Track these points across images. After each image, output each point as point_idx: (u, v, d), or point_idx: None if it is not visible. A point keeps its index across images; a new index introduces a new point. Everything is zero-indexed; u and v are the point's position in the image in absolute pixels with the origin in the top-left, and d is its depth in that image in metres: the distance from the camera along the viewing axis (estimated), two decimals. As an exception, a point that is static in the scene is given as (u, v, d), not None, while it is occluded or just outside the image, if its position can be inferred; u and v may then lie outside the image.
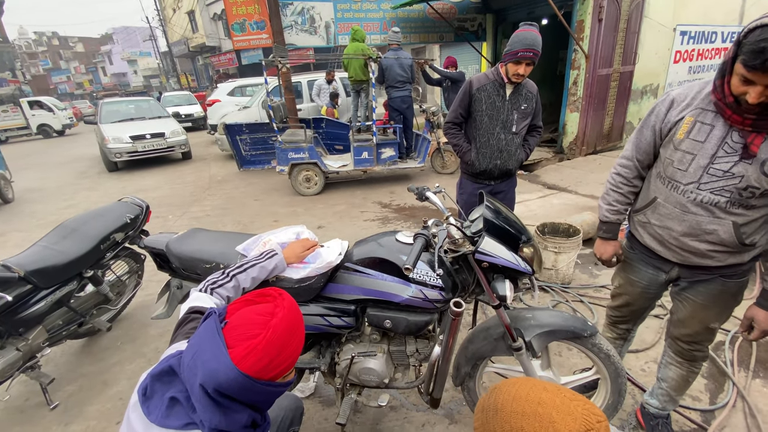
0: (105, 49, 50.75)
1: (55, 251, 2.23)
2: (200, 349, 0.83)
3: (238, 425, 0.83)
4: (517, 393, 0.72)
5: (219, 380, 0.78)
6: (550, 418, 0.66)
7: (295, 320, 0.89)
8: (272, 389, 0.85)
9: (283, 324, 0.85)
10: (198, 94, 17.86)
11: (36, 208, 6.17)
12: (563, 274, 3.02)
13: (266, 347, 0.81)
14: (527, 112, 2.37)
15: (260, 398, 0.85)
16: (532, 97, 2.37)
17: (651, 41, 6.82)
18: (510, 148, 2.43)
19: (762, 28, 0.98)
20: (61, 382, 2.36)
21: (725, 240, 1.26)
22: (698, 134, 1.23)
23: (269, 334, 0.82)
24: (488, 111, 2.35)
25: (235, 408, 0.83)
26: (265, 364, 0.80)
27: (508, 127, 2.37)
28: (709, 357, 2.22)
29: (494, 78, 2.32)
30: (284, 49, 5.92)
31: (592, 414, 0.67)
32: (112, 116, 9.04)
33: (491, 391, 0.77)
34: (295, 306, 0.91)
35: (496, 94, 2.32)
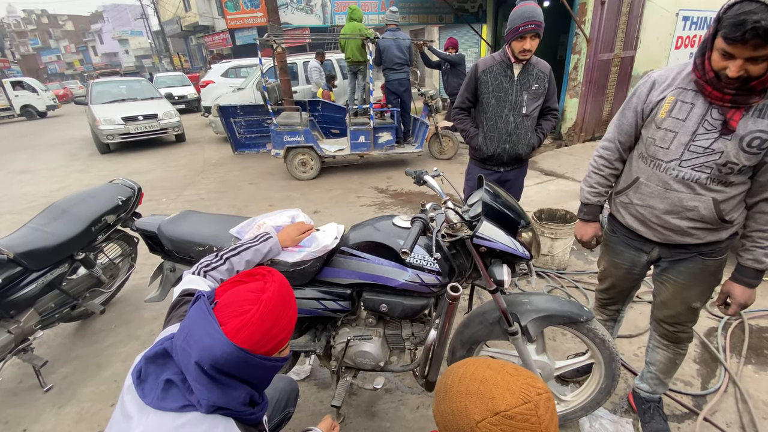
0: (95, 28, 49.43)
1: (46, 233, 2.19)
2: (192, 329, 0.82)
3: (237, 402, 0.83)
4: (464, 373, 0.77)
5: (215, 355, 0.78)
6: (489, 394, 0.71)
7: (287, 294, 0.89)
8: (269, 363, 0.85)
9: (275, 297, 0.84)
10: (191, 75, 17.52)
11: (27, 190, 6.07)
12: (559, 260, 3.03)
13: (260, 320, 0.81)
14: (538, 93, 2.25)
15: (257, 373, 0.85)
16: (544, 77, 2.24)
17: (653, 26, 6.72)
18: (519, 131, 2.31)
19: (741, 2, 1.02)
20: (54, 365, 2.36)
21: (705, 216, 1.30)
22: (679, 112, 1.27)
23: (261, 307, 0.82)
24: (495, 93, 2.25)
25: (233, 385, 0.82)
26: (259, 337, 0.81)
27: (518, 108, 2.26)
28: (702, 342, 2.25)
29: (501, 59, 2.23)
30: (279, 29, 5.76)
31: (531, 387, 0.72)
32: (103, 97, 8.84)
33: (445, 373, 0.82)
34: (284, 281, 0.91)
35: (503, 75, 2.22)
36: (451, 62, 6.24)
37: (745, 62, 1.06)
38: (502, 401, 0.70)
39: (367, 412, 1.93)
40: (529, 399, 0.69)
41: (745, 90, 1.12)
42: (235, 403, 0.83)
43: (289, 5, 8.20)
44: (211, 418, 0.80)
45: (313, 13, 8.35)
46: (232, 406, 0.82)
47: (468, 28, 8.94)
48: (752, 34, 0.99)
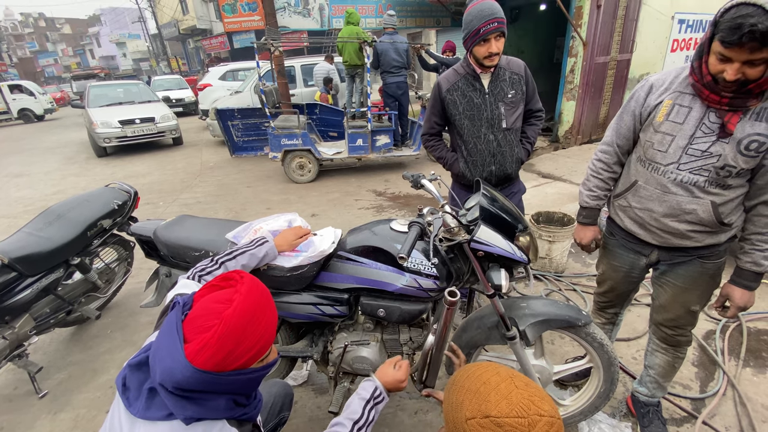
0: (93, 31, 49.38)
1: (41, 238, 2.17)
2: (158, 346, 0.79)
3: (217, 410, 0.80)
4: (473, 373, 0.78)
5: (176, 379, 0.74)
6: (486, 396, 0.71)
7: (255, 307, 0.81)
8: (244, 377, 0.81)
9: (238, 312, 0.78)
10: (189, 79, 17.51)
11: (23, 194, 6.04)
12: (557, 263, 3.03)
13: (220, 340, 0.75)
14: (517, 100, 1.93)
15: (233, 387, 0.81)
16: (519, 79, 1.92)
17: (649, 29, 6.76)
18: (504, 149, 1.99)
19: (738, 6, 1.02)
20: (50, 371, 2.33)
21: (704, 219, 1.30)
22: (677, 116, 1.27)
23: (221, 327, 0.76)
24: (467, 112, 1.94)
25: (207, 398, 0.79)
26: (221, 358, 0.75)
27: (496, 124, 1.94)
28: (700, 345, 2.25)
29: (465, 71, 1.92)
30: (277, 32, 5.77)
31: (533, 405, 0.70)
32: (100, 100, 8.82)
33: (461, 369, 0.84)
34: (254, 291, 0.83)
35: (472, 90, 1.91)
36: (449, 65, 6.24)
37: (742, 65, 1.06)
38: (496, 406, 0.70)
39: (365, 418, 1.91)
40: (525, 415, 0.68)
41: (742, 93, 1.13)
42: (216, 412, 0.80)
43: (286, 9, 8.22)
44: (201, 425, 0.79)
45: (310, 17, 8.38)
46: (215, 415, 0.79)
47: (465, 32, 8.97)
48: (749, 37, 0.99)
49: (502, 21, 1.73)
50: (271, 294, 0.90)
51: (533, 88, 2.01)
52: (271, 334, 0.85)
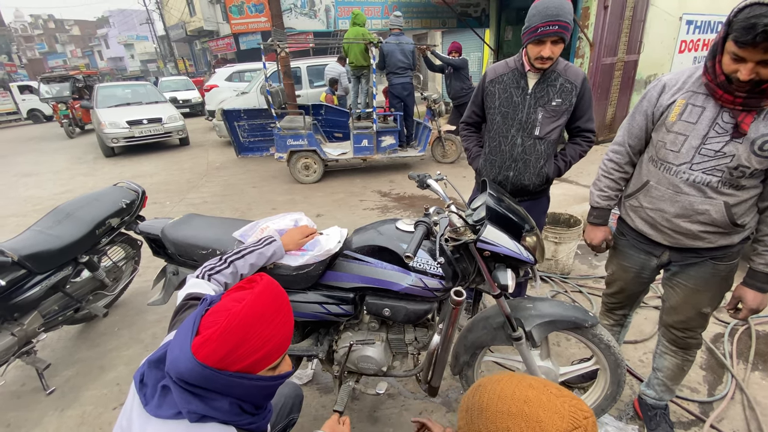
0: (101, 33, 49.95)
1: (50, 236, 2.20)
2: (175, 337, 0.80)
3: (222, 412, 0.79)
4: (502, 391, 0.70)
5: (179, 369, 0.75)
6: (536, 417, 0.64)
7: (265, 307, 0.80)
8: (248, 382, 0.79)
9: (245, 311, 0.77)
10: (196, 80, 17.63)
11: (32, 193, 6.11)
12: (563, 265, 3.01)
13: (221, 336, 0.75)
14: (560, 110, 1.78)
15: (237, 391, 0.79)
16: (571, 89, 1.76)
17: (656, 30, 6.71)
18: (528, 157, 1.86)
19: (751, 6, 1.02)
20: (57, 368, 2.36)
21: (717, 220, 1.29)
22: (690, 116, 1.27)
23: (226, 322, 0.76)
24: (502, 108, 1.85)
25: (211, 396, 0.78)
26: (223, 354, 0.75)
27: (528, 129, 1.82)
28: (708, 348, 2.22)
29: (514, 66, 1.82)
30: (283, 33, 5.80)
31: (578, 410, 0.65)
32: (108, 101, 8.93)
33: (475, 389, 0.74)
34: (268, 292, 0.83)
35: (515, 87, 1.80)
36: (454, 66, 6.26)
37: (756, 65, 1.06)
38: (552, 425, 0.63)
39: (369, 417, 1.92)
40: (579, 424, 0.64)
41: (756, 93, 1.12)
42: (221, 413, 0.79)
43: (292, 10, 8.26)
44: (210, 427, 0.78)
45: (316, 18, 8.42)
46: (218, 416, 0.78)
47: (471, 33, 8.98)
48: (763, 37, 0.99)
49: (566, 25, 1.57)
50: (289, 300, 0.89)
51: (588, 104, 1.84)
52: (281, 339, 0.82)
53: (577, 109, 1.83)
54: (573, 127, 1.92)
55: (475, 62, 11.22)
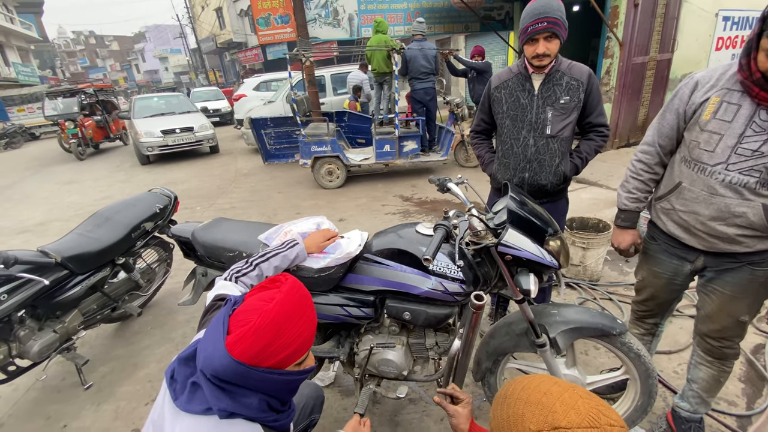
0: (138, 47, 52.69)
1: (90, 239, 2.33)
2: (206, 336, 0.84)
3: (251, 409, 0.82)
4: (528, 383, 0.73)
5: (214, 366, 0.79)
6: (552, 407, 0.66)
7: (294, 306, 0.85)
8: (281, 377, 0.83)
9: (277, 310, 0.81)
10: (225, 90, 18.28)
11: (74, 199, 6.49)
12: (591, 271, 2.92)
13: (256, 333, 0.78)
14: (569, 107, 1.79)
15: (268, 386, 0.83)
16: (578, 86, 1.78)
17: (691, 27, 6.44)
18: (543, 156, 1.87)
19: None
20: (95, 364, 2.48)
21: (755, 223, 1.23)
22: (725, 114, 1.22)
23: (259, 320, 0.80)
24: (510, 111, 1.88)
25: (242, 393, 0.82)
26: (257, 351, 0.78)
27: (539, 129, 1.83)
28: (748, 360, 2.10)
29: (518, 70, 1.86)
30: (308, 43, 5.95)
31: (602, 415, 0.65)
32: (144, 111, 9.39)
33: (508, 381, 0.78)
34: (295, 292, 0.87)
35: (521, 90, 1.84)
36: (478, 70, 6.21)
37: None
38: (564, 417, 0.64)
39: (390, 422, 1.91)
40: (597, 425, 0.63)
41: None
42: (249, 409, 0.82)
43: (317, 20, 8.46)
44: (237, 423, 0.81)
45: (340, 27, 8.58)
46: (247, 413, 0.82)
47: (495, 36, 8.88)
48: None
49: (554, 21, 1.62)
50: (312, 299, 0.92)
51: (597, 99, 1.85)
52: (308, 335, 0.87)
53: (586, 105, 1.84)
54: (585, 123, 1.91)
55: (500, 65, 11.10)
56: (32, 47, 27.74)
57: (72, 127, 9.84)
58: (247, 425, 0.82)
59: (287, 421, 0.92)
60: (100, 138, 11.01)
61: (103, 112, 11.17)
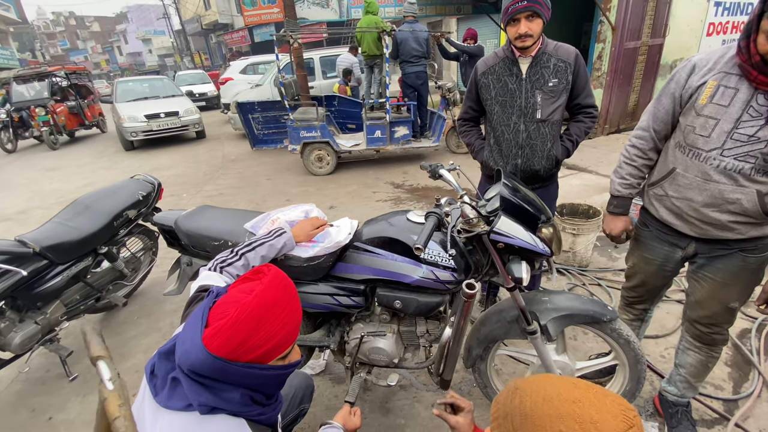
0: (120, 29, 50.88)
1: (70, 227, 2.26)
2: (184, 329, 0.80)
3: (232, 403, 0.79)
4: (546, 393, 0.64)
5: (191, 360, 0.76)
6: (590, 418, 0.59)
7: (275, 298, 0.81)
8: (260, 372, 0.79)
9: (256, 302, 0.78)
10: (211, 73, 17.79)
11: (56, 186, 6.31)
12: (581, 257, 2.93)
13: (233, 326, 0.75)
14: (558, 90, 1.76)
15: (249, 381, 0.79)
16: (566, 67, 1.75)
17: (683, 12, 6.41)
18: (534, 141, 1.84)
19: None
20: (80, 355, 2.43)
21: (748, 210, 1.22)
22: (722, 98, 1.19)
23: (237, 312, 0.76)
24: (499, 97, 1.84)
25: (222, 387, 0.78)
26: (235, 345, 0.75)
27: (530, 113, 1.80)
28: (734, 344, 2.14)
29: (504, 54, 1.81)
30: (296, 24, 5.78)
31: (627, 409, 0.61)
32: (127, 95, 9.11)
33: (512, 393, 0.68)
34: (276, 283, 0.83)
35: (508, 74, 1.79)
36: (470, 54, 6.11)
37: None
38: (607, 426, 0.58)
39: (381, 408, 1.92)
40: (633, 423, 0.60)
41: None
42: (231, 404, 0.79)
43: (305, 0, 8.21)
44: (219, 419, 0.78)
45: (329, 8, 8.35)
46: (229, 407, 0.79)
47: (487, 19, 8.74)
48: None
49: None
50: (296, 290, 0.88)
51: (585, 80, 1.82)
52: (291, 329, 0.83)
53: (574, 87, 1.81)
54: (573, 105, 1.88)
55: (491, 49, 10.94)
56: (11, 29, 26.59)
57: (43, 113, 9.10)
58: (230, 420, 0.79)
59: (274, 413, 0.89)
60: (75, 125, 10.26)
61: (77, 97, 10.30)
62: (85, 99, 10.77)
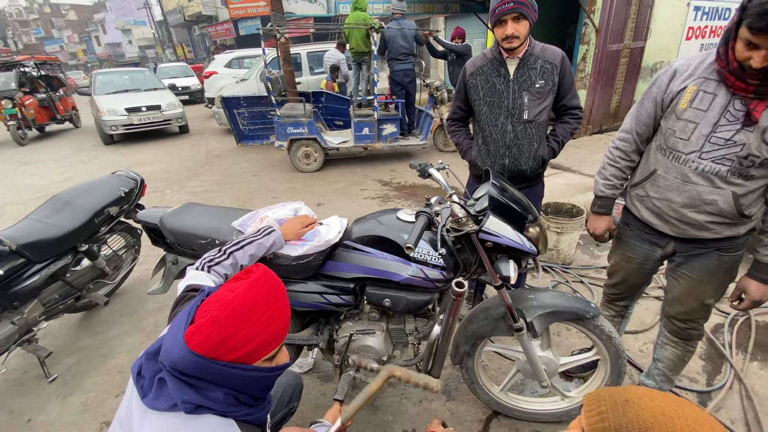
0: (98, 18, 49.19)
1: (48, 224, 2.19)
2: (171, 327, 0.80)
3: (217, 402, 0.78)
4: (664, 409, 0.60)
5: (172, 358, 0.75)
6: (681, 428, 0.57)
7: (260, 296, 0.79)
8: (243, 373, 0.77)
9: (239, 300, 0.76)
10: (195, 66, 17.40)
11: (31, 181, 6.09)
12: (564, 255, 3.00)
13: (214, 324, 0.74)
14: (544, 91, 1.80)
15: (232, 381, 0.78)
16: (552, 69, 1.79)
17: (664, 16, 6.57)
18: (521, 142, 1.88)
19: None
20: (59, 355, 2.37)
21: (724, 210, 1.27)
22: (701, 103, 1.24)
23: (219, 311, 0.75)
24: (487, 98, 1.87)
25: (205, 386, 0.77)
26: (215, 343, 0.73)
27: (517, 114, 1.84)
28: (708, 339, 2.22)
29: (492, 55, 1.84)
30: (283, 18, 5.70)
31: (702, 413, 0.61)
32: (106, 87, 8.82)
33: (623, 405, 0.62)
34: (263, 282, 0.82)
35: (496, 75, 1.83)
36: (457, 53, 6.14)
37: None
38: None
39: (369, 406, 1.93)
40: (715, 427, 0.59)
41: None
42: (216, 403, 0.78)
43: (292, -6, 8.11)
44: (207, 419, 0.77)
45: (316, 3, 8.25)
46: (214, 407, 0.77)
47: (475, 18, 8.78)
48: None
49: (521, 1, 1.62)
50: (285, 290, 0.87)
51: (570, 81, 1.86)
52: (277, 330, 0.81)
53: (560, 88, 1.85)
54: (559, 106, 1.93)
55: (479, 48, 11.04)
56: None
57: (10, 106, 8.40)
58: (218, 420, 0.78)
59: (262, 414, 0.88)
60: (45, 119, 9.59)
61: (47, 89, 9.69)
62: (57, 91, 10.21)
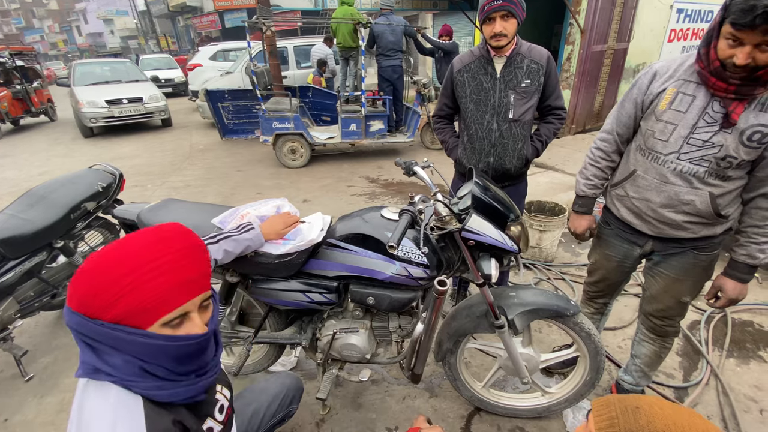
0: (80, 7, 47.59)
1: (22, 220, 2.11)
2: None
3: (116, 368, 0.71)
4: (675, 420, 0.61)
5: (65, 318, 0.71)
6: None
7: (139, 248, 0.70)
8: (131, 337, 0.69)
9: (105, 250, 0.69)
10: (179, 58, 17.02)
11: (7, 175, 5.88)
12: (547, 252, 3.04)
13: (78, 277, 0.68)
14: (530, 91, 1.82)
15: (125, 346, 0.70)
16: (538, 69, 1.81)
17: (647, 17, 6.69)
18: (506, 141, 1.89)
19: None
20: (35, 354, 2.30)
21: (701, 211, 1.30)
22: (680, 105, 1.25)
23: (88, 261, 0.69)
24: (473, 95, 1.88)
25: (102, 348, 0.71)
26: (80, 297, 0.67)
27: (503, 113, 1.85)
28: (685, 335, 2.29)
29: (480, 53, 1.85)
30: (269, 11, 5.61)
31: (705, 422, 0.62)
32: (86, 78, 8.56)
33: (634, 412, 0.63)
34: (147, 234, 0.73)
35: (483, 73, 1.83)
36: (445, 50, 6.15)
37: (753, 49, 1.04)
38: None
39: (353, 404, 1.93)
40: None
41: (751, 81, 1.11)
42: (115, 369, 0.70)
43: (280, -13, 7.97)
44: (110, 392, 0.71)
45: (304, -4, 8.16)
46: (113, 373, 0.71)
47: (463, 16, 8.80)
48: (762, 19, 0.97)
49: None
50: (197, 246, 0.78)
51: (555, 82, 1.89)
52: (167, 287, 0.70)
53: (545, 89, 1.87)
54: (544, 106, 1.95)
55: (466, 46, 11.07)
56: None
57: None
58: (122, 396, 0.71)
59: (183, 390, 0.77)
60: (19, 112, 9.21)
61: (22, 81, 9.26)
62: (32, 83, 9.78)
